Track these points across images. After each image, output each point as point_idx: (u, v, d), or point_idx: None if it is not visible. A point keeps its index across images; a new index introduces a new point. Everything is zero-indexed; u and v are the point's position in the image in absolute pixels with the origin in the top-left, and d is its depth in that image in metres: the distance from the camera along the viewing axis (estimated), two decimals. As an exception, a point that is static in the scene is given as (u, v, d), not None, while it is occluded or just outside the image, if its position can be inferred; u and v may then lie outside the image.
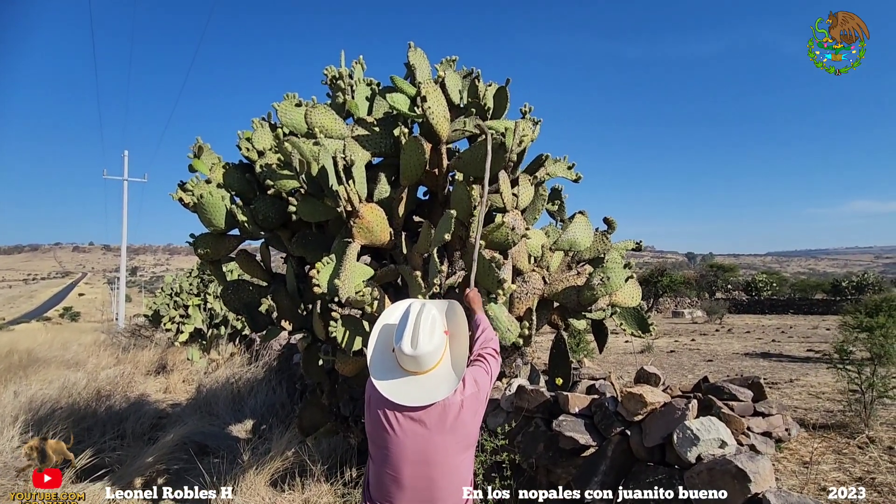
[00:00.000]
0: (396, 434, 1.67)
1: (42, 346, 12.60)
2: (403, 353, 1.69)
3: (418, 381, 1.71)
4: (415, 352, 1.68)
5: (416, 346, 1.68)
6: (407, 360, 1.71)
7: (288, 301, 3.47)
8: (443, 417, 1.68)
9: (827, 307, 23.88)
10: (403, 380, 1.72)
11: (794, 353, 10.13)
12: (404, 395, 1.68)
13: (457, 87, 3.42)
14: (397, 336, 1.74)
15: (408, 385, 1.71)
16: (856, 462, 4.00)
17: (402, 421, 1.68)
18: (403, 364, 1.73)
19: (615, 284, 3.00)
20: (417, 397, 1.68)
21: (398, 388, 1.70)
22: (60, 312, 69.18)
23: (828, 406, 5.53)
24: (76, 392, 6.76)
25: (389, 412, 1.69)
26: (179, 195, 3.43)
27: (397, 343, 1.72)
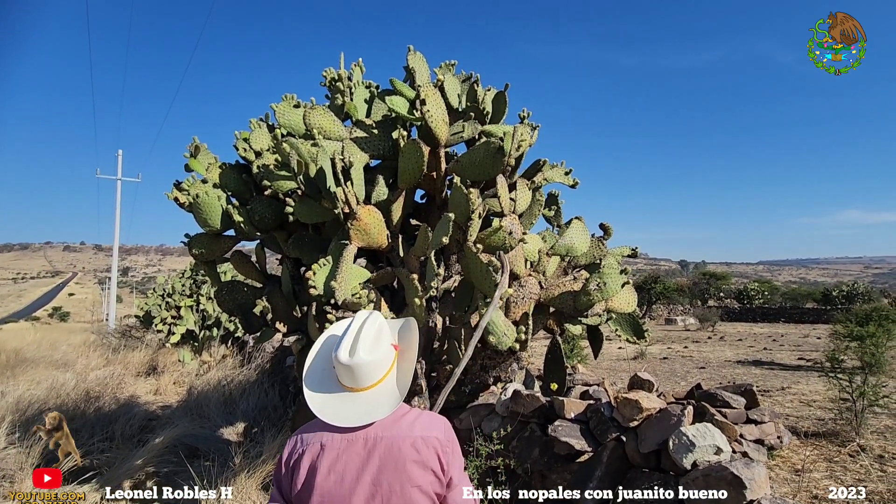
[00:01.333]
0: (332, 470, 1.36)
1: (30, 346, 12.44)
2: (339, 362, 1.43)
3: (354, 398, 1.45)
4: (351, 360, 1.41)
5: (353, 354, 1.42)
6: (343, 373, 1.45)
7: (283, 303, 3.45)
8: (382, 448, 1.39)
9: (817, 316, 24.10)
10: (336, 396, 1.47)
11: (785, 361, 10.20)
12: (332, 415, 1.41)
13: (456, 91, 3.42)
14: (336, 345, 1.47)
15: (341, 402, 1.45)
16: (847, 470, 4.02)
17: (337, 449, 1.38)
18: (341, 378, 1.47)
19: (611, 290, 3.01)
20: (350, 416, 1.41)
21: (328, 405, 1.45)
22: (50, 312, 68.39)
23: (819, 414, 5.56)
24: (65, 393, 6.68)
25: (324, 443, 1.40)
26: (175, 194, 3.40)
27: (334, 352, 1.46)
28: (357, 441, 1.39)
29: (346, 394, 1.45)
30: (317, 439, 1.40)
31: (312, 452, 1.38)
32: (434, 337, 3.51)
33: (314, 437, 1.41)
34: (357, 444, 1.38)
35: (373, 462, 1.36)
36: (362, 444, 1.38)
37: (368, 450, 1.37)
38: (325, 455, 1.37)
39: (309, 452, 1.38)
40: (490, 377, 3.33)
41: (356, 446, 1.38)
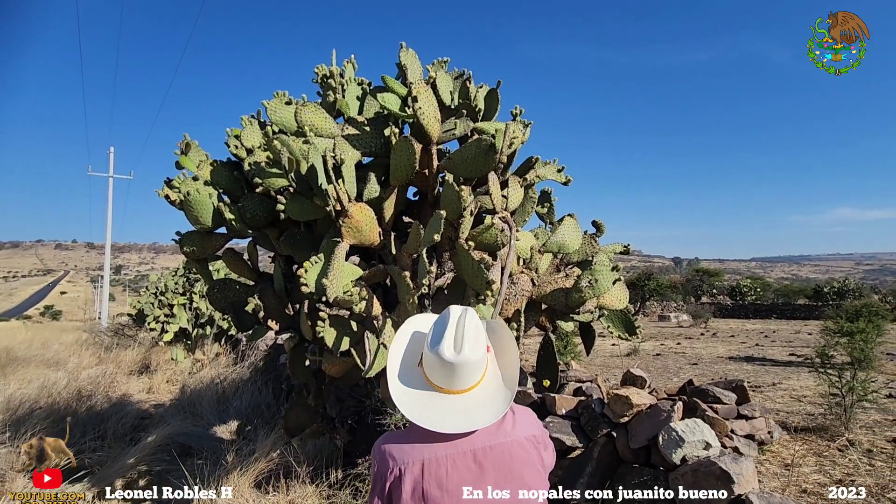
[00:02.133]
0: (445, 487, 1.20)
1: (21, 344, 12.35)
2: (443, 359, 1.26)
3: (452, 401, 1.29)
4: (457, 358, 1.25)
5: (459, 350, 1.26)
6: (442, 372, 1.29)
7: (275, 300, 3.44)
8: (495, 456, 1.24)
9: (809, 312, 24.32)
10: (429, 398, 1.29)
11: (776, 356, 10.29)
12: (432, 420, 1.25)
13: (448, 88, 3.42)
14: (433, 340, 1.30)
15: (435, 405, 1.28)
16: (836, 464, 4.07)
17: (445, 466, 1.21)
18: (435, 378, 1.31)
19: (603, 287, 3.02)
20: (456, 422, 1.24)
21: (425, 410, 1.28)
22: (41, 311, 67.83)
23: (809, 409, 5.62)
24: (56, 392, 6.63)
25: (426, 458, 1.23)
26: (166, 192, 3.37)
27: (434, 347, 1.28)
28: (465, 454, 1.24)
29: (439, 396, 1.30)
30: (416, 456, 1.24)
31: (414, 472, 1.23)
32: (427, 334, 3.51)
33: (411, 453, 1.25)
34: (466, 458, 1.24)
35: (488, 474, 1.23)
36: (471, 457, 1.24)
37: (479, 462, 1.24)
38: (431, 474, 1.22)
39: (410, 472, 1.23)
40: (482, 374, 3.33)
41: (465, 460, 1.24)
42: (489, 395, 1.31)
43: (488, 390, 1.32)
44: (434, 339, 1.30)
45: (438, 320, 1.36)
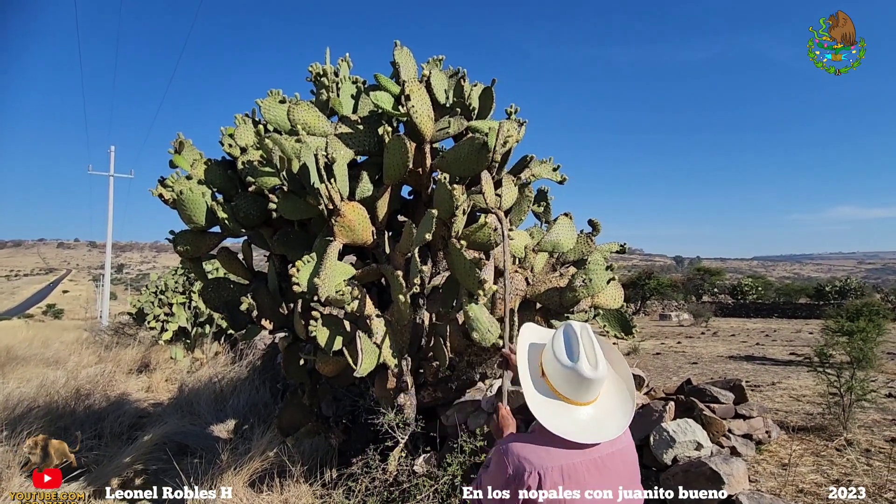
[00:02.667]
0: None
1: (22, 343, 12.37)
2: (582, 375, 1.35)
3: (581, 412, 1.39)
4: (595, 374, 1.35)
5: (595, 366, 1.36)
6: (575, 387, 1.38)
7: (269, 300, 3.43)
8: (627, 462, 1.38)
9: (810, 311, 24.25)
10: (563, 411, 1.38)
11: (777, 356, 10.26)
12: (578, 433, 1.34)
13: (442, 87, 3.40)
14: (569, 355, 1.39)
15: (574, 417, 1.38)
16: (833, 464, 4.05)
17: (583, 472, 1.32)
18: (563, 390, 1.40)
19: (597, 286, 3.01)
20: (590, 434, 1.35)
21: (564, 423, 1.36)
22: (43, 310, 68.02)
23: (808, 409, 5.59)
24: (54, 391, 6.63)
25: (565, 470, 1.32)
26: (159, 191, 3.37)
27: (572, 362, 1.37)
28: (595, 460, 1.34)
29: (568, 406, 1.39)
30: (554, 462, 1.33)
31: (553, 477, 1.31)
32: (421, 334, 3.50)
33: (548, 458, 1.33)
34: (597, 463, 1.34)
35: (614, 477, 1.35)
36: (601, 462, 1.35)
37: (607, 466, 1.35)
38: (570, 478, 1.32)
39: (549, 477, 1.31)
40: (477, 374, 3.33)
41: (596, 465, 1.34)
42: (615, 405, 1.43)
43: (613, 400, 1.44)
44: (569, 352, 1.40)
45: (564, 335, 1.45)
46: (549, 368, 1.43)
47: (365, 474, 3.11)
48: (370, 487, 3.04)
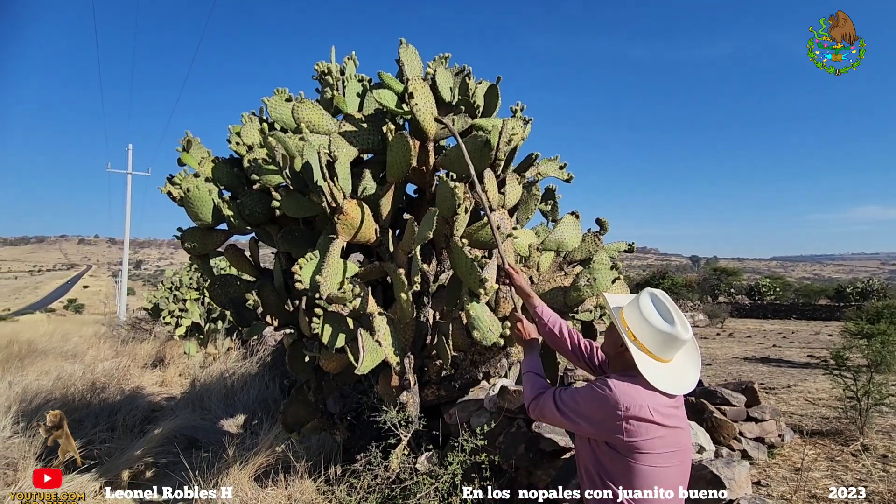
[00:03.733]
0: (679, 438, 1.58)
1: (43, 337, 12.68)
2: (678, 338, 1.58)
3: (668, 368, 1.62)
4: (687, 336, 1.59)
5: (688, 330, 1.59)
6: (668, 346, 1.60)
7: (274, 297, 3.46)
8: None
9: (830, 313, 23.69)
10: (658, 368, 1.60)
11: (794, 358, 10.05)
12: (674, 385, 1.59)
13: (448, 85, 3.38)
14: (666, 318, 1.60)
15: (666, 372, 1.61)
16: (848, 469, 3.95)
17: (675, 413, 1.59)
18: (654, 349, 1.60)
19: (602, 285, 2.97)
20: (680, 386, 1.60)
21: (663, 378, 1.60)
22: (65, 304, 69.67)
23: (824, 413, 5.47)
24: (71, 383, 6.78)
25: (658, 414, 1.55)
26: (168, 188, 3.42)
27: (671, 327, 1.58)
28: (675, 402, 1.60)
29: (658, 364, 1.60)
30: (654, 403, 1.54)
31: (654, 413, 1.52)
32: (425, 332, 3.49)
33: (651, 399, 1.54)
34: (674, 406, 1.59)
35: (683, 412, 1.64)
36: (676, 405, 1.60)
37: (679, 404, 1.62)
38: (663, 414, 1.53)
39: (653, 412, 1.52)
40: (480, 372, 3.31)
41: (674, 403, 1.60)
42: (689, 361, 1.66)
43: (686, 357, 1.66)
44: (666, 318, 1.61)
45: (653, 301, 1.65)
46: (641, 331, 1.62)
47: (367, 471, 3.12)
48: (372, 484, 3.05)
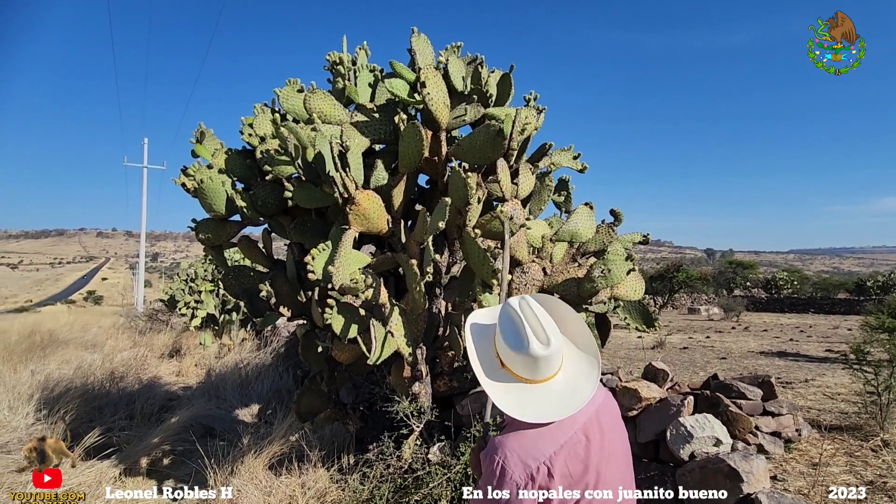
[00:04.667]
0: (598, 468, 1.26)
1: (63, 327, 12.98)
2: (536, 357, 1.27)
3: (549, 387, 1.31)
4: (549, 350, 1.27)
5: (547, 342, 1.27)
6: (534, 368, 1.30)
7: (287, 287, 3.47)
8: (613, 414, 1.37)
9: (850, 307, 23.22)
10: (529, 393, 1.30)
11: (811, 352, 9.86)
12: (546, 412, 1.27)
13: (460, 74, 3.34)
14: (514, 342, 1.30)
15: (541, 395, 1.30)
16: (868, 465, 3.87)
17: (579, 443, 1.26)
18: (525, 374, 1.31)
19: (616, 277, 2.93)
20: (562, 408, 1.27)
21: (532, 406, 1.28)
22: (84, 296, 71.18)
23: (842, 407, 5.36)
24: (91, 373, 6.94)
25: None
26: (182, 180, 3.44)
27: (522, 350, 1.28)
28: (587, 423, 1.30)
29: (534, 387, 1.31)
30: (552, 447, 1.26)
31: (558, 461, 1.25)
32: (438, 323, 3.49)
33: (546, 446, 1.26)
34: (592, 424, 1.30)
35: (609, 429, 1.32)
36: (596, 421, 1.31)
37: (601, 423, 1.31)
38: (570, 454, 1.26)
39: (554, 462, 1.24)
40: (492, 364, 3.30)
41: (591, 426, 1.30)
42: (579, 367, 1.35)
43: (575, 363, 1.36)
44: (515, 341, 1.30)
45: (504, 319, 1.34)
46: (506, 359, 1.34)
47: (380, 461, 3.14)
48: (385, 474, 3.06)
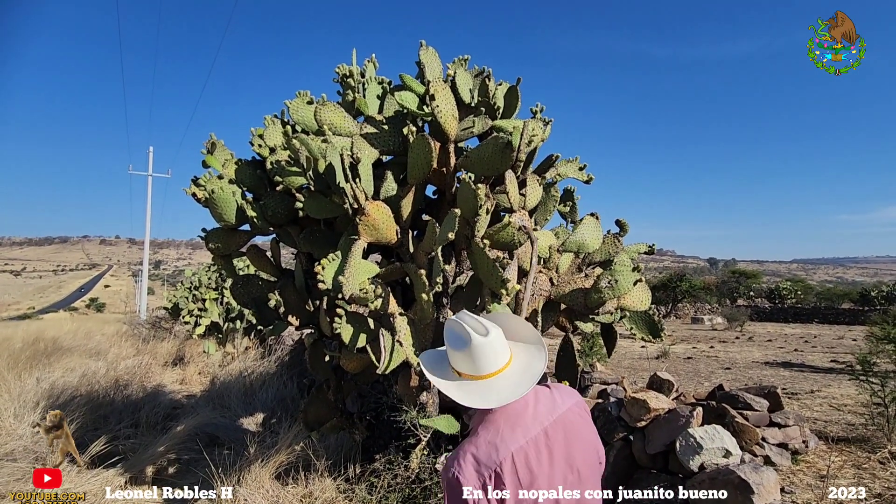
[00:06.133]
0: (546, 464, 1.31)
1: (67, 335, 12.99)
2: (478, 346, 1.33)
3: (498, 381, 1.37)
4: (489, 337, 1.33)
5: (486, 331, 1.34)
6: (481, 361, 1.35)
7: (296, 296, 3.50)
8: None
9: (854, 317, 23.12)
10: (479, 387, 1.35)
11: (816, 363, 9.83)
12: (492, 397, 1.32)
13: (467, 86, 3.40)
14: (456, 343, 1.37)
15: (491, 387, 1.35)
16: (876, 477, 3.85)
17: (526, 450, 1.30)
18: (476, 371, 1.36)
19: (623, 287, 2.94)
20: (508, 393, 1.33)
21: (479, 394, 1.34)
22: (87, 303, 71.29)
23: (849, 419, 5.34)
24: (95, 380, 6.95)
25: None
26: (192, 190, 3.49)
27: (464, 347, 1.35)
28: (538, 435, 1.34)
29: (484, 382, 1.35)
30: (504, 453, 1.30)
31: (506, 468, 1.29)
32: (444, 333, 3.50)
33: (496, 452, 1.31)
34: (541, 437, 1.34)
35: (561, 445, 1.34)
36: (544, 435, 1.34)
37: (550, 436, 1.34)
38: (521, 462, 1.30)
39: (504, 469, 1.29)
40: (499, 374, 3.31)
41: (542, 438, 1.34)
42: (526, 361, 1.40)
43: (522, 357, 1.41)
44: (458, 341, 1.36)
45: (448, 332, 1.41)
46: (457, 363, 1.39)
47: (387, 471, 3.14)
48: (392, 484, 3.07)
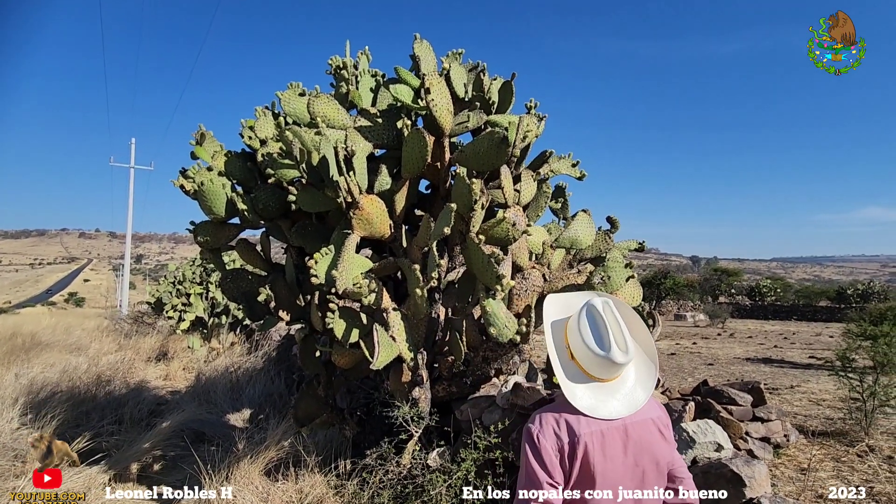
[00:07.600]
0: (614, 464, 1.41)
1: (46, 330, 12.69)
2: (615, 362, 1.41)
3: (612, 387, 1.47)
4: (628, 357, 1.42)
5: (626, 350, 1.42)
6: (607, 370, 1.44)
7: (286, 291, 3.46)
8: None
9: (831, 314, 23.75)
10: (596, 391, 1.46)
11: (795, 359, 10.07)
12: (611, 411, 1.43)
13: (462, 81, 3.38)
14: (597, 342, 1.43)
15: (605, 394, 1.46)
16: (854, 470, 3.96)
17: (604, 436, 1.41)
18: (594, 372, 1.46)
19: (615, 284, 2.97)
20: (621, 408, 1.44)
21: (597, 403, 1.44)
22: (66, 297, 69.74)
23: (828, 413, 5.49)
24: (77, 376, 6.80)
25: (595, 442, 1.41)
26: (181, 182, 3.41)
27: (604, 351, 1.41)
28: (619, 428, 1.44)
29: (599, 385, 1.46)
30: (585, 430, 1.41)
31: (585, 444, 1.40)
32: (437, 328, 3.50)
33: (579, 427, 1.42)
34: (620, 431, 1.44)
35: (633, 444, 1.43)
36: (623, 430, 1.44)
37: (629, 434, 1.44)
38: (596, 445, 1.40)
39: (581, 444, 1.40)
40: (492, 369, 3.32)
41: (620, 432, 1.43)
42: (641, 374, 1.50)
43: (637, 367, 1.50)
44: (598, 343, 1.43)
45: (589, 319, 1.47)
46: (579, 353, 1.47)
47: (379, 466, 3.13)
48: (384, 480, 3.05)
